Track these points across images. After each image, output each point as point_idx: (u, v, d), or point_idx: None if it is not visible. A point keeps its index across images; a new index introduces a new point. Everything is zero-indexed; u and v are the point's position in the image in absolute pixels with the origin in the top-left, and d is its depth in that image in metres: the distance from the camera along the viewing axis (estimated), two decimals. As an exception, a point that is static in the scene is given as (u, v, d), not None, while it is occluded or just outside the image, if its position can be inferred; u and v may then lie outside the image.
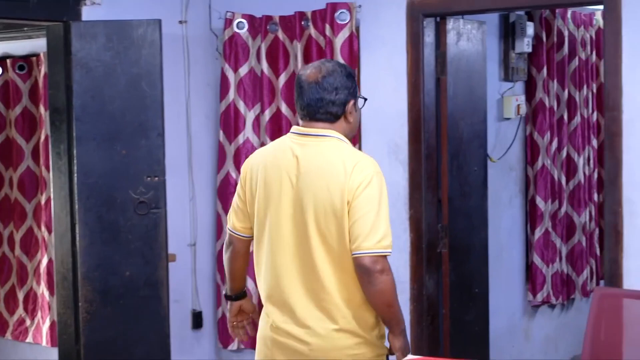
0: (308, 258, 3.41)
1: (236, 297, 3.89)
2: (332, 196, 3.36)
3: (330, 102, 3.46)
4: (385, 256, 3.35)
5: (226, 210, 5.55)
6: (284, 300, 3.47)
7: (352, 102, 3.50)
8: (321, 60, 3.61)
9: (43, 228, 5.90)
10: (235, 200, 3.67)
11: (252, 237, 3.60)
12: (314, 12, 5.35)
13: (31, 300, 6.07)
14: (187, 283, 5.63)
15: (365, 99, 3.70)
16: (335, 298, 3.41)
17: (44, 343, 5.96)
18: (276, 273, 3.48)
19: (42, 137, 5.88)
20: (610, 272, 4.63)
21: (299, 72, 3.57)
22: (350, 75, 3.53)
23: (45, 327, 5.92)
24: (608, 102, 4.62)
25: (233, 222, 3.68)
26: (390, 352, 3.52)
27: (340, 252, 3.38)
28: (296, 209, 3.43)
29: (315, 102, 3.46)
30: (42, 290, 5.93)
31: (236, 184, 5.44)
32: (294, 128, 3.55)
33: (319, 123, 3.48)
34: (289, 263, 3.45)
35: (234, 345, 5.59)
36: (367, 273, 3.32)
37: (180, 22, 5.51)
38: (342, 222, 3.35)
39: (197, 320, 5.68)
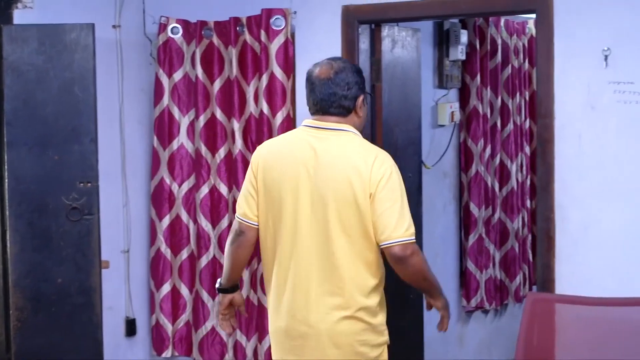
0: (326, 247, 3.61)
1: (231, 289, 3.99)
2: (353, 188, 3.57)
3: (343, 97, 3.68)
4: (413, 242, 3.60)
5: (160, 217, 5.51)
6: (300, 286, 3.66)
7: (362, 96, 3.76)
8: (331, 58, 3.82)
9: (-27, 235, 5.80)
10: (247, 188, 3.80)
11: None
12: (249, 18, 5.33)
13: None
14: (121, 290, 5.57)
15: (371, 94, 4.08)
16: (349, 285, 3.62)
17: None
18: (294, 260, 3.66)
19: (-28, 143, 5.77)
20: (542, 277, 4.68)
21: (309, 70, 3.79)
22: (359, 71, 3.77)
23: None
24: (540, 110, 4.67)
25: (244, 210, 3.79)
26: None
27: (359, 241, 3.60)
28: (314, 200, 3.62)
29: (328, 96, 3.68)
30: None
31: (170, 190, 5.45)
32: (307, 121, 3.76)
33: (332, 117, 3.70)
34: (307, 251, 3.63)
35: (167, 353, 5.55)
36: (400, 260, 3.59)
37: (114, 26, 5.46)
38: (364, 212, 3.57)
39: (130, 327, 5.61)
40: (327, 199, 3.60)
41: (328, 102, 3.69)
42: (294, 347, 3.73)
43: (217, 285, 4.05)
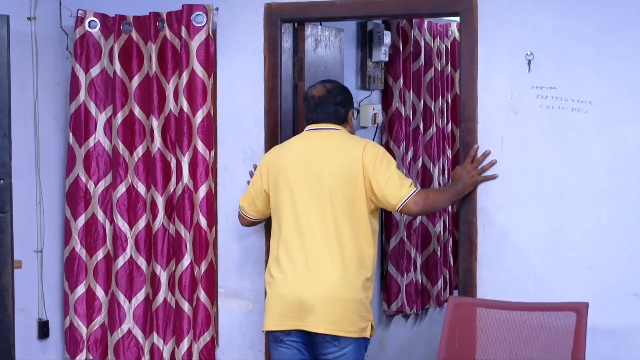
0: (331, 220, 4.28)
1: None
2: (351, 167, 4.29)
3: (337, 110, 4.46)
4: (418, 191, 4.31)
5: (75, 216, 5.37)
6: (307, 258, 4.30)
7: (351, 110, 4.54)
8: (324, 80, 4.62)
9: None
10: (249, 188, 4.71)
11: (257, 219, 4.73)
12: (169, 14, 5.22)
13: None
14: (34, 291, 5.42)
15: (358, 111, 5.33)
16: (350, 255, 4.28)
17: None
18: (300, 235, 4.33)
19: None
20: (464, 281, 4.67)
21: (306, 91, 4.58)
22: (347, 90, 4.56)
23: None
24: (463, 113, 4.66)
25: (242, 204, 4.74)
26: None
27: (357, 212, 4.29)
28: (318, 181, 4.32)
29: (327, 109, 4.45)
30: None
31: (86, 189, 5.32)
32: (309, 127, 4.50)
33: (329, 123, 4.46)
34: (314, 226, 4.30)
35: (82, 356, 5.41)
36: (417, 210, 4.36)
37: (29, 18, 5.30)
38: (360, 187, 4.29)
39: (43, 329, 5.46)
40: (329, 178, 4.31)
41: (327, 115, 4.45)
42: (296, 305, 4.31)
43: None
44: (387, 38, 6.31)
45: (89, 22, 5.32)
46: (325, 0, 4.98)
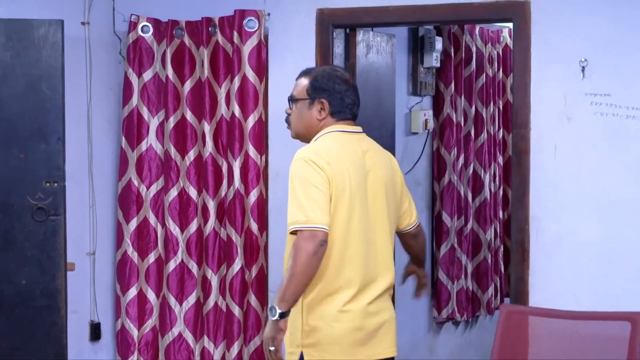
0: (385, 238, 3.75)
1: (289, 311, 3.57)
2: (395, 180, 3.83)
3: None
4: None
5: (127, 219, 5.40)
6: (374, 280, 3.67)
7: None
8: (335, 66, 4.25)
9: None
10: (320, 197, 3.54)
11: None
12: (221, 19, 5.24)
13: None
14: (86, 293, 5.46)
15: None
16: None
17: None
18: (371, 256, 3.67)
19: None
20: (516, 289, 4.63)
21: (341, 73, 3.81)
22: None
23: None
24: (516, 120, 4.62)
25: (322, 218, 3.50)
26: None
27: (394, 228, 3.85)
28: (376, 196, 3.70)
29: (358, 102, 3.80)
30: None
31: (138, 192, 5.35)
32: (338, 127, 3.72)
33: (355, 123, 3.80)
34: (379, 245, 3.71)
35: (133, 358, 5.44)
36: (423, 232, 4.10)
37: (83, 23, 5.35)
38: (401, 201, 3.87)
39: (95, 331, 5.50)
40: (385, 193, 3.74)
41: (357, 107, 3.79)
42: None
43: (276, 313, 3.51)
44: (439, 44, 6.28)
45: (142, 27, 5.36)
46: (377, 6, 4.96)
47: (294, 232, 3.51)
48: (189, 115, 5.34)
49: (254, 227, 5.16)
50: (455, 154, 6.46)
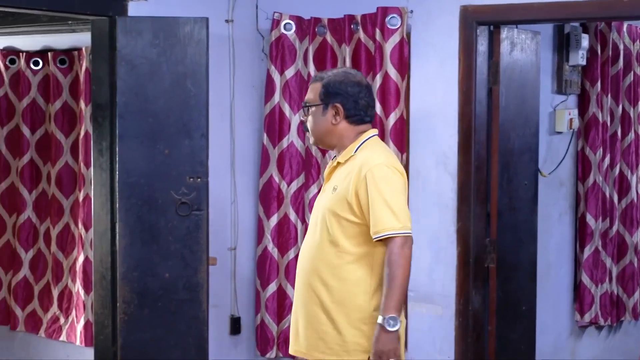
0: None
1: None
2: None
3: None
4: None
5: (268, 215, 5.45)
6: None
7: None
8: (343, 69, 3.98)
9: (80, 225, 5.81)
10: (404, 203, 3.65)
11: None
12: (363, 16, 5.23)
13: (66, 298, 5.99)
14: (226, 288, 5.53)
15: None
16: None
17: (77, 342, 5.87)
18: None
19: (82, 133, 5.79)
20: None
21: (355, 74, 3.77)
22: None
23: (80, 326, 5.83)
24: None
25: (410, 224, 3.61)
26: None
27: None
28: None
29: (373, 104, 3.81)
30: (78, 288, 5.84)
31: (279, 189, 5.39)
32: (372, 132, 3.77)
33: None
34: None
35: (272, 353, 5.48)
36: None
37: (227, 21, 5.42)
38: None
39: (235, 325, 5.57)
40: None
41: (372, 109, 3.79)
42: None
43: (397, 322, 3.51)
44: (585, 41, 6.12)
45: (285, 25, 5.39)
46: (522, 3, 4.87)
47: (381, 239, 3.54)
48: (330, 112, 5.34)
49: (394, 225, 5.12)
50: (600, 154, 6.28)
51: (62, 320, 5.99)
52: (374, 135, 3.77)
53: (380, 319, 3.49)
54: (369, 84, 3.78)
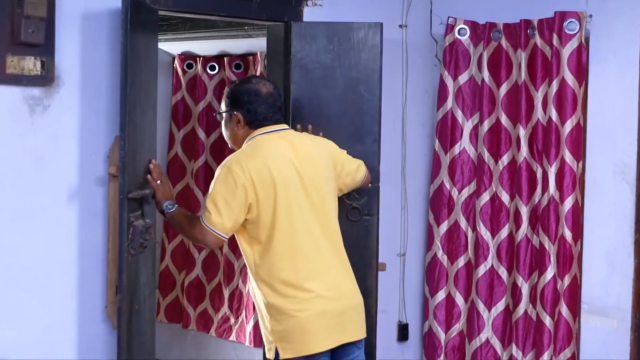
0: (334, 224, 4.02)
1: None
2: (329, 163, 4.07)
3: (280, 107, 4.03)
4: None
5: (438, 222, 5.42)
6: (326, 272, 3.92)
7: None
8: (252, 76, 4.32)
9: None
10: (228, 206, 3.89)
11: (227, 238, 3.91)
12: (540, 21, 5.11)
13: (236, 299, 6.10)
14: (395, 294, 5.51)
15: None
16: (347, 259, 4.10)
17: (247, 343, 5.97)
18: (320, 241, 3.92)
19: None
20: None
21: (249, 86, 3.98)
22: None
23: (249, 327, 5.93)
24: None
25: (221, 224, 3.87)
26: None
27: (337, 209, 4.08)
28: (310, 188, 3.91)
29: (280, 106, 4.00)
30: (248, 289, 5.93)
31: (450, 195, 5.35)
32: (263, 129, 3.95)
33: (281, 122, 4.02)
34: (324, 234, 3.95)
35: (439, 362, 5.45)
36: (368, 178, 4.45)
37: (400, 26, 5.40)
38: (342, 171, 4.18)
39: (403, 332, 5.55)
40: (319, 184, 3.94)
41: (277, 110, 3.98)
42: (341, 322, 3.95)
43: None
44: None
45: (459, 30, 5.34)
46: None
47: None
48: (504, 119, 5.26)
49: (568, 235, 5.00)
50: None
51: (232, 320, 6.10)
52: (257, 135, 3.95)
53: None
54: (271, 91, 3.98)
